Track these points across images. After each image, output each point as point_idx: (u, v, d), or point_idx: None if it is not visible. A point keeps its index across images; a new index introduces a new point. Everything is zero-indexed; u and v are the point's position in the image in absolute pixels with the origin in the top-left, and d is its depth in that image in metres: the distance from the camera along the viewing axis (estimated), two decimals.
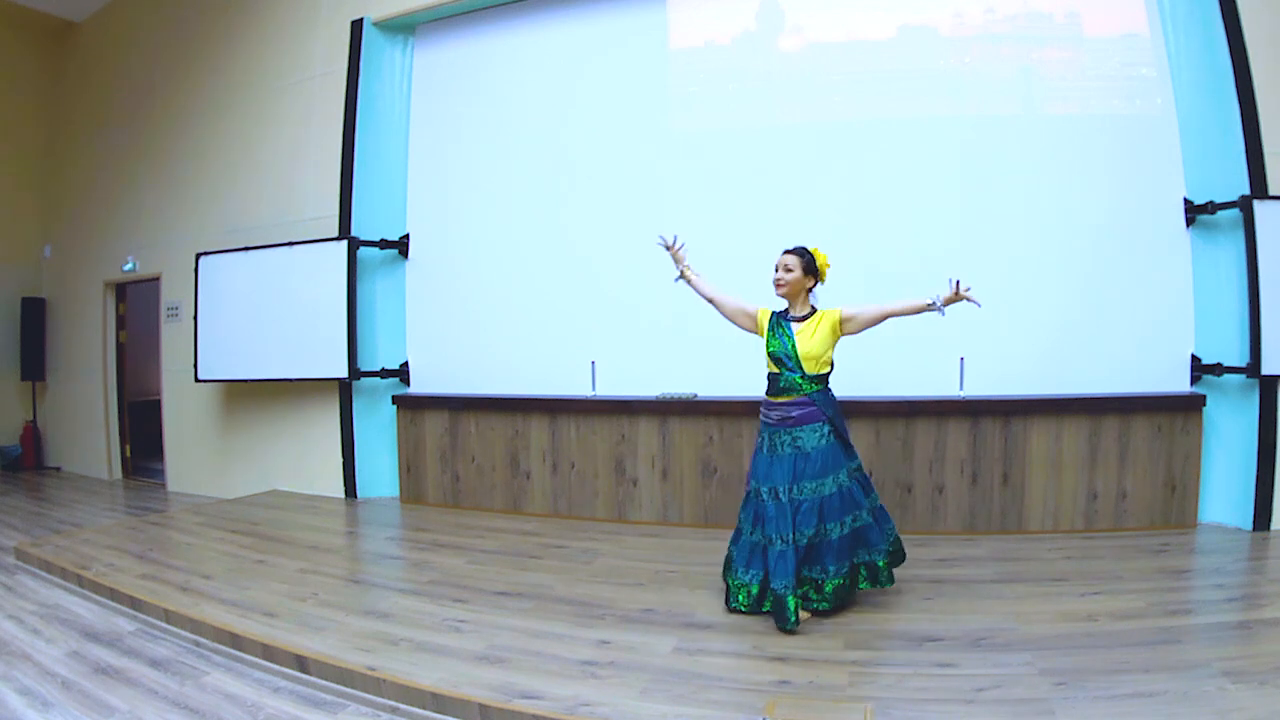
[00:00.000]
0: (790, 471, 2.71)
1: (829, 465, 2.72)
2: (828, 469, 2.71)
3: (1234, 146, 3.72)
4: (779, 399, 2.80)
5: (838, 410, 2.81)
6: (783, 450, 2.75)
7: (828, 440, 2.73)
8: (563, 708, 2.09)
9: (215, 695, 2.39)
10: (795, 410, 2.74)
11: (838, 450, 2.75)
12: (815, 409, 2.74)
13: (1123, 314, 3.91)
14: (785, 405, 2.77)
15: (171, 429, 6.19)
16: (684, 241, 3.02)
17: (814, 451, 2.71)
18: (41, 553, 3.79)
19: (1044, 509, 3.85)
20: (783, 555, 2.64)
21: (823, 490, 2.70)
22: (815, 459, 2.71)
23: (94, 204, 6.90)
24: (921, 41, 4.21)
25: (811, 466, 2.70)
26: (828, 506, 2.69)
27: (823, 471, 2.71)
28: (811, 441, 2.72)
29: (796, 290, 2.85)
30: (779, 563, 2.64)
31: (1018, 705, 2.02)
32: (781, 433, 2.76)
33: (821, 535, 2.68)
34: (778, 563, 2.64)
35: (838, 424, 2.77)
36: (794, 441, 2.74)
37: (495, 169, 4.97)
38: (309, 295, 5.06)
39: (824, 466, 2.71)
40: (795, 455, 2.73)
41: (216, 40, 6.02)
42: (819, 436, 2.73)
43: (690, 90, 4.56)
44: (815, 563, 2.69)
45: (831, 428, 2.75)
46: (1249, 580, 3.04)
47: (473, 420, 4.83)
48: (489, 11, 5.03)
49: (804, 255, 2.86)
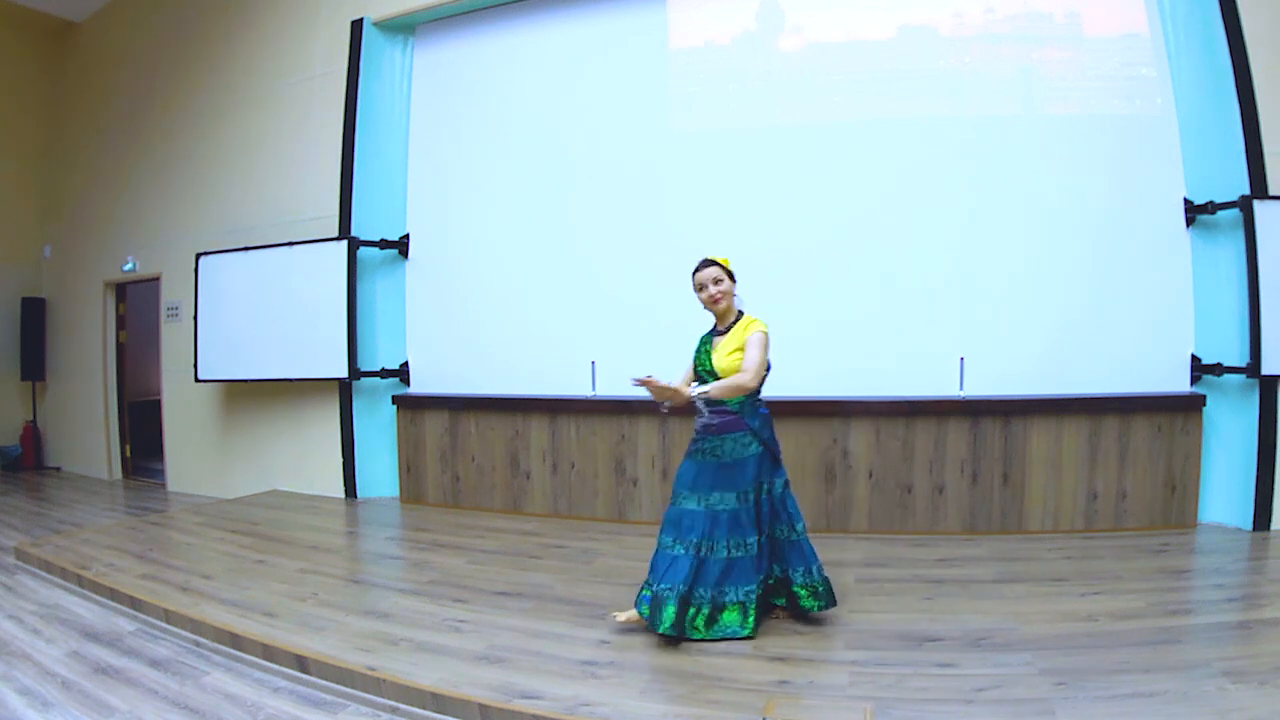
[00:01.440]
0: (705, 480, 2.61)
1: (747, 479, 2.60)
2: (744, 482, 2.60)
3: (1234, 146, 3.72)
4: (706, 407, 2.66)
5: (766, 424, 2.67)
6: (704, 458, 2.64)
7: (749, 452, 2.61)
8: (563, 708, 2.09)
9: (215, 695, 2.39)
10: (716, 419, 2.62)
11: (761, 465, 2.63)
12: (736, 418, 2.61)
13: (1123, 314, 3.92)
14: (709, 414, 2.64)
15: (171, 429, 6.19)
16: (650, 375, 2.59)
17: (732, 462, 2.60)
18: (41, 553, 3.79)
19: (1044, 509, 3.85)
20: (675, 561, 2.56)
21: (732, 503, 2.58)
22: (734, 470, 2.60)
23: (94, 204, 6.90)
24: (921, 41, 4.21)
25: (726, 477, 2.60)
26: (734, 522, 2.57)
27: (738, 484, 2.59)
28: (732, 452, 2.61)
29: (731, 304, 2.72)
30: (671, 568, 2.56)
31: (1018, 705, 2.02)
32: (703, 440, 2.66)
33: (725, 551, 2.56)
34: (670, 568, 2.56)
35: (763, 437, 2.64)
36: (714, 450, 2.63)
37: (495, 169, 4.97)
38: (309, 295, 5.06)
39: (740, 479, 2.59)
40: (715, 464, 2.62)
41: (216, 40, 6.02)
42: (739, 447, 2.61)
43: (690, 90, 4.56)
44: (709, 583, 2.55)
45: (757, 440, 2.62)
46: (1249, 580, 3.04)
47: (473, 420, 4.83)
48: (489, 11, 5.03)
49: (719, 265, 2.70)
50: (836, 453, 4.03)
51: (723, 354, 2.64)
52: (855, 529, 3.99)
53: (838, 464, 4.03)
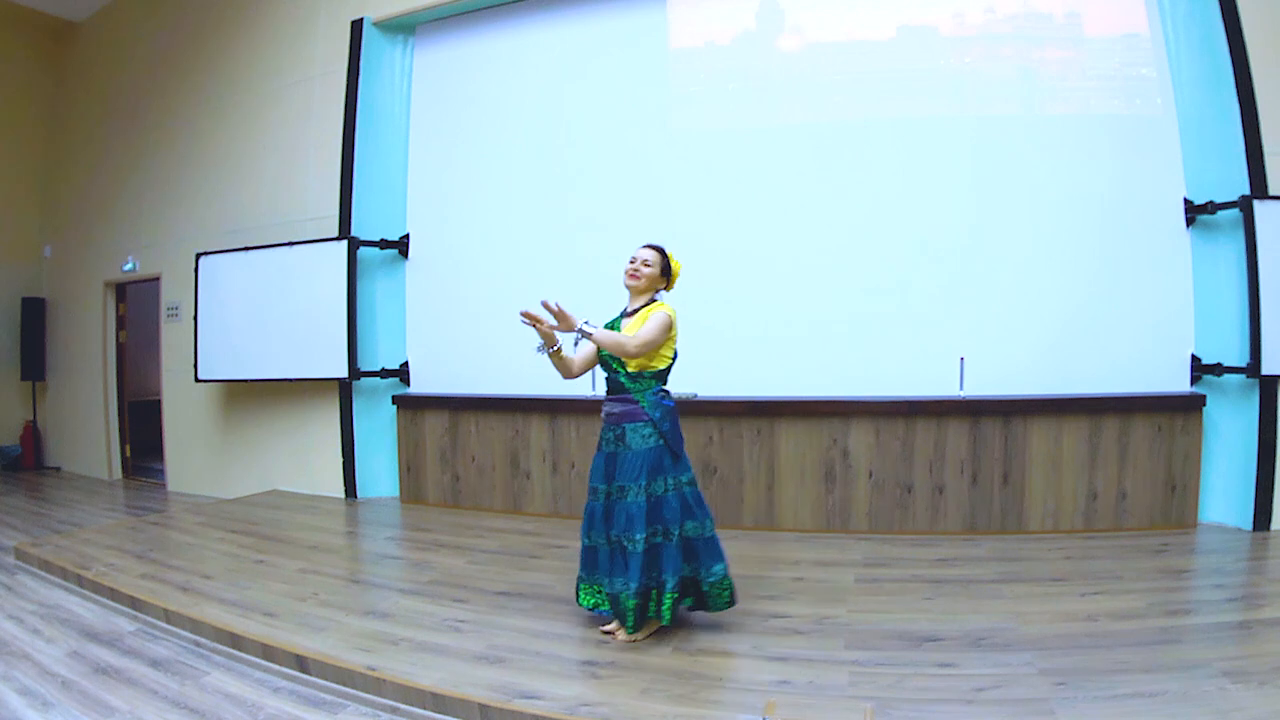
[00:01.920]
0: (608, 470, 2.61)
1: (644, 470, 2.54)
2: (642, 473, 2.53)
3: (1234, 146, 3.72)
4: (608, 395, 2.68)
5: (668, 415, 2.62)
6: (607, 447, 2.64)
7: (650, 444, 2.56)
8: (563, 708, 2.09)
9: (215, 695, 2.39)
10: (618, 407, 2.62)
11: (660, 457, 2.57)
12: (638, 408, 2.58)
13: (1123, 314, 3.92)
14: (611, 402, 2.65)
15: (171, 429, 6.19)
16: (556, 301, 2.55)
17: (632, 453, 2.56)
18: (41, 553, 3.79)
19: (1044, 509, 3.85)
20: (591, 551, 2.63)
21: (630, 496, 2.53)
22: (633, 460, 2.55)
23: (94, 204, 6.90)
24: (921, 41, 4.21)
25: (628, 467, 2.56)
26: (636, 513, 2.51)
27: (636, 475, 2.54)
28: (634, 442, 2.57)
29: (648, 287, 2.68)
30: (588, 556, 2.65)
31: (1018, 705, 2.02)
32: (607, 429, 2.65)
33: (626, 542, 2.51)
34: (586, 556, 2.65)
35: (663, 429, 2.58)
36: (617, 440, 2.61)
37: (495, 169, 4.97)
38: (309, 295, 5.06)
39: (640, 470, 2.54)
40: (617, 453, 2.60)
41: (216, 40, 6.02)
42: (640, 438, 2.56)
43: (690, 90, 4.56)
44: (618, 575, 2.53)
45: (656, 433, 2.57)
46: (1249, 580, 3.03)
47: (473, 420, 4.83)
48: (489, 11, 5.03)
49: (663, 254, 2.71)
50: (836, 453, 4.03)
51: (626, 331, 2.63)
52: (855, 529, 3.99)
53: (838, 464, 4.03)
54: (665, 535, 2.54)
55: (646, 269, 2.66)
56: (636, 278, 2.66)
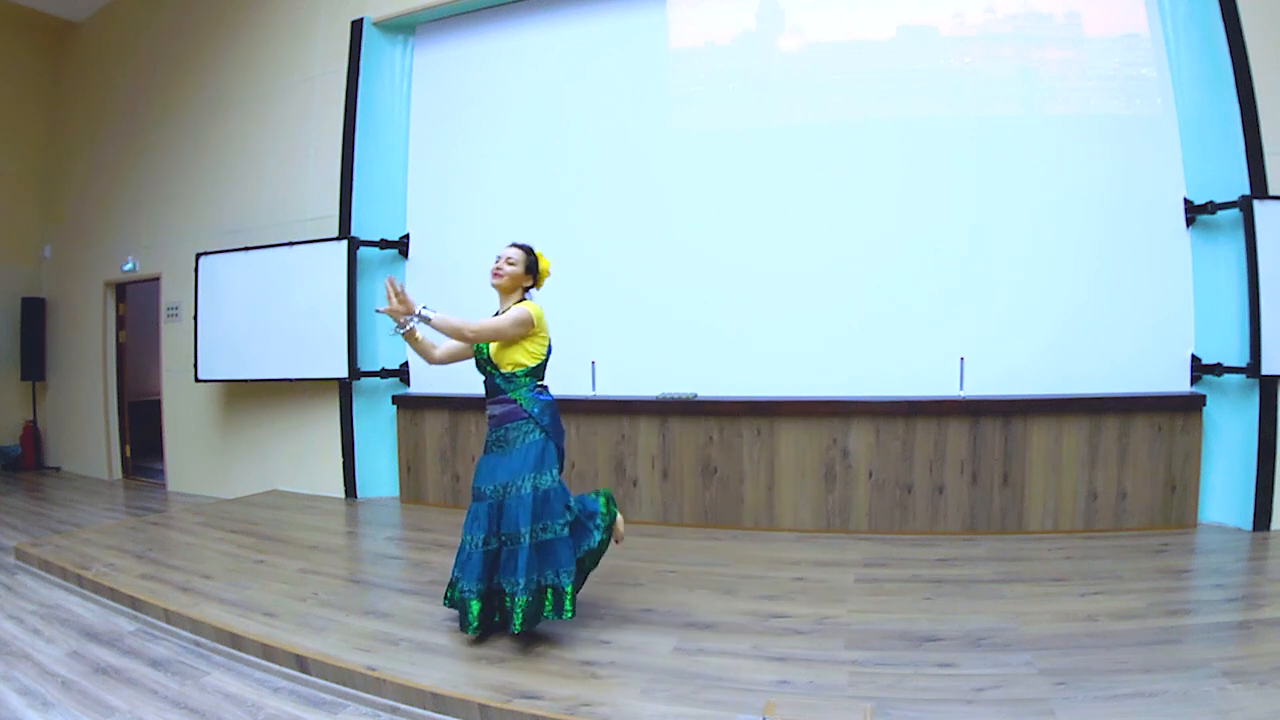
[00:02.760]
0: (492, 470, 2.60)
1: (527, 467, 2.55)
2: (525, 470, 2.55)
3: (1234, 146, 3.72)
4: (488, 399, 2.70)
5: (547, 411, 2.64)
6: (492, 449, 2.65)
7: (530, 439, 2.59)
8: (563, 708, 2.09)
9: (215, 695, 2.39)
10: (498, 409, 2.65)
11: (541, 453, 2.58)
12: (516, 406, 2.61)
13: (1123, 314, 3.92)
14: (491, 404, 2.68)
15: (171, 429, 6.19)
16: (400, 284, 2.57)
17: (516, 450, 2.58)
18: (41, 553, 3.79)
19: (1044, 509, 3.85)
20: (470, 558, 2.56)
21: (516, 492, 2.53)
22: (514, 458, 2.57)
23: (94, 204, 6.90)
24: (921, 41, 4.21)
25: (514, 464, 2.56)
26: (521, 510, 2.51)
27: (519, 472, 2.55)
28: (516, 439, 2.60)
29: (512, 286, 2.69)
30: (467, 564, 2.56)
31: (1018, 705, 2.02)
32: (491, 431, 2.67)
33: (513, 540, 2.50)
34: (466, 564, 2.56)
35: (543, 423, 2.61)
36: (499, 440, 2.63)
37: (495, 169, 4.97)
38: (309, 295, 5.06)
39: (522, 467, 2.55)
40: (499, 454, 2.62)
41: (216, 40, 6.02)
42: (521, 435, 2.60)
43: (690, 90, 4.56)
44: (508, 573, 2.50)
45: (538, 428, 2.60)
46: (1249, 580, 3.03)
47: (473, 420, 4.82)
48: (489, 11, 5.03)
49: (529, 253, 2.72)
50: (836, 453, 4.03)
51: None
52: (855, 529, 3.99)
53: (838, 464, 4.03)
54: (554, 529, 2.54)
55: (510, 267, 2.67)
56: (499, 275, 2.67)
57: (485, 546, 2.55)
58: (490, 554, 2.55)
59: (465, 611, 2.55)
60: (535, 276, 2.76)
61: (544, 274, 2.79)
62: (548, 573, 2.51)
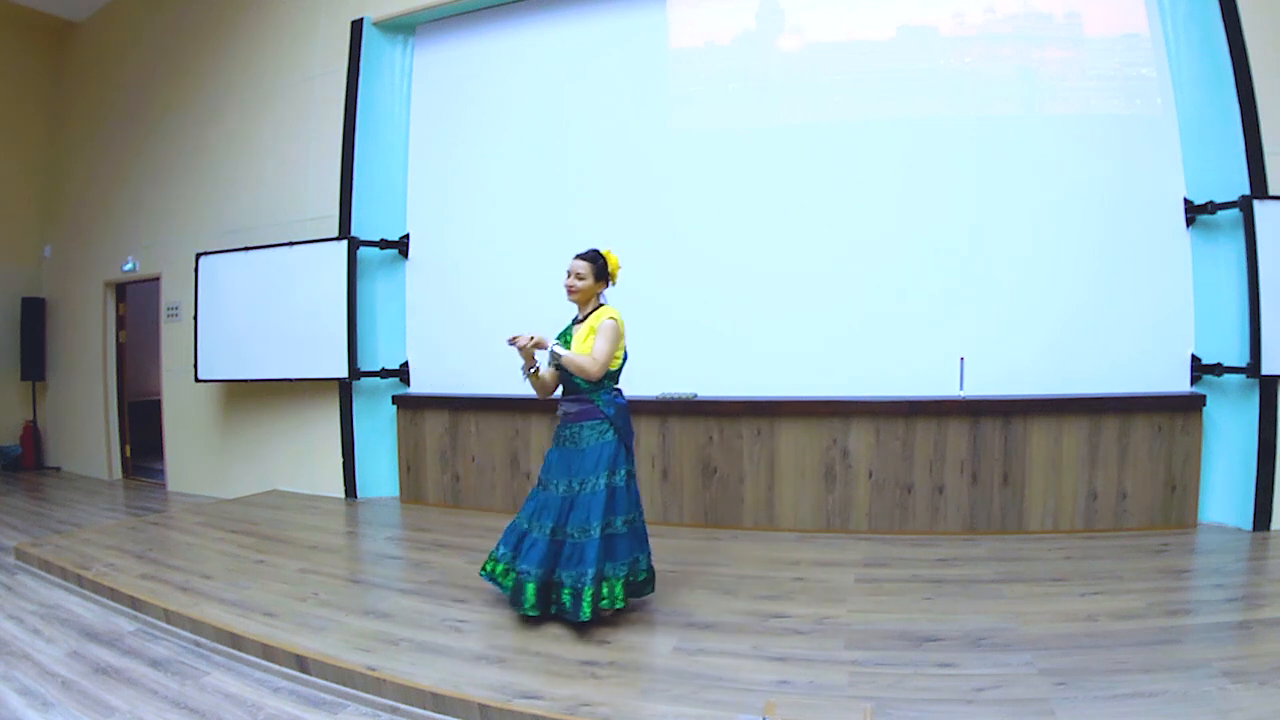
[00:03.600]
0: (566, 466, 2.74)
1: (602, 465, 2.70)
2: (600, 469, 2.70)
3: (1234, 146, 3.72)
4: (565, 396, 2.84)
5: (621, 413, 2.79)
6: (564, 444, 2.79)
7: (605, 440, 2.73)
8: (563, 708, 2.09)
9: (215, 695, 2.39)
10: (575, 407, 2.78)
11: (615, 453, 2.73)
12: (594, 406, 2.75)
13: (1123, 314, 3.92)
14: (568, 402, 2.81)
15: (171, 429, 6.19)
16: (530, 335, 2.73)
17: (590, 449, 2.73)
18: (41, 553, 3.79)
19: (1044, 509, 3.85)
20: (535, 544, 2.70)
21: (591, 489, 2.69)
22: (588, 457, 2.72)
23: (94, 204, 6.90)
24: (921, 41, 4.21)
25: (587, 463, 2.71)
26: (595, 506, 2.66)
27: (594, 471, 2.70)
28: (590, 439, 2.74)
29: (587, 296, 2.84)
30: (530, 549, 2.71)
31: (1018, 705, 2.02)
32: (564, 427, 2.81)
33: (583, 534, 2.65)
34: (529, 549, 2.71)
35: (620, 427, 2.76)
36: (572, 437, 2.77)
37: (495, 169, 4.97)
38: (309, 295, 5.06)
39: (596, 465, 2.70)
40: (572, 450, 2.75)
41: (216, 40, 6.02)
42: (596, 435, 2.74)
43: (690, 90, 4.56)
44: (573, 565, 2.64)
45: (613, 429, 2.74)
46: (1249, 580, 3.03)
47: (473, 420, 4.83)
48: (489, 11, 5.03)
49: (596, 261, 2.84)
50: (836, 453, 4.03)
51: (578, 340, 2.79)
52: (855, 529, 3.99)
53: (838, 464, 4.03)
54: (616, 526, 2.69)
55: (580, 282, 2.81)
56: (573, 291, 2.83)
57: (553, 536, 2.69)
58: (556, 544, 2.68)
59: (520, 592, 2.68)
60: (607, 278, 2.88)
61: (614, 272, 2.90)
62: (607, 565, 2.66)
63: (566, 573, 2.65)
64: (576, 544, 2.65)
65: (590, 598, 2.58)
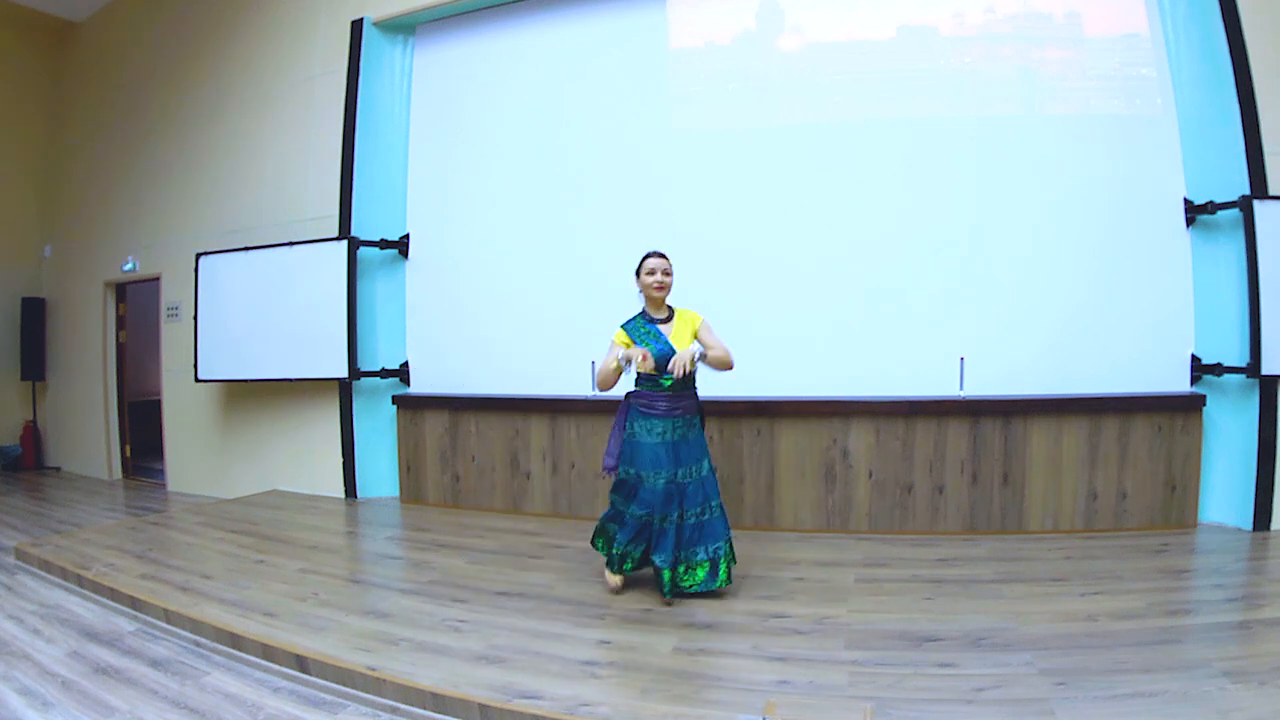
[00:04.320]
0: (676, 457, 2.94)
1: (704, 452, 3.03)
2: (704, 455, 3.02)
3: (1234, 146, 3.72)
4: (674, 391, 2.96)
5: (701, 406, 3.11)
6: (671, 436, 2.95)
7: (699, 429, 3.05)
8: (563, 708, 2.09)
9: (215, 695, 2.39)
10: (683, 401, 2.98)
11: (704, 441, 3.07)
12: (695, 400, 3.03)
13: (1123, 314, 3.91)
14: (674, 398, 2.96)
15: (171, 429, 6.19)
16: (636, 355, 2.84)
17: (694, 440, 3.00)
18: (41, 553, 3.79)
19: (1044, 509, 3.85)
20: (665, 534, 2.88)
21: (700, 473, 2.98)
22: (695, 446, 2.99)
23: (94, 204, 6.90)
24: (921, 41, 4.21)
25: (693, 452, 2.98)
26: (708, 487, 2.98)
27: (700, 457, 3.00)
28: (694, 431, 3.01)
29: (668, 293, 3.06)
30: (661, 539, 2.89)
31: (1018, 705, 2.02)
32: (669, 420, 2.96)
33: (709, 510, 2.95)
34: (660, 539, 2.89)
35: (703, 415, 3.11)
36: (686, 427, 2.98)
37: (495, 169, 4.97)
38: (309, 295, 5.06)
39: (701, 452, 3.01)
40: (680, 443, 2.96)
41: (216, 40, 6.02)
42: (697, 426, 3.03)
43: (690, 90, 4.56)
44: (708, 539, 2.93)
45: (701, 419, 3.07)
46: (1249, 580, 3.03)
47: (473, 420, 4.83)
48: (489, 11, 5.03)
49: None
50: (836, 453, 4.03)
51: (681, 340, 2.97)
52: (855, 529, 3.99)
53: (838, 464, 4.03)
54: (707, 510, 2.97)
55: (669, 278, 3.01)
56: (666, 288, 3.01)
57: (681, 522, 2.90)
58: (682, 528, 2.90)
59: (659, 576, 2.91)
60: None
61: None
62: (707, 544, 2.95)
63: (701, 547, 2.91)
64: (706, 520, 2.93)
65: (725, 567, 2.91)
